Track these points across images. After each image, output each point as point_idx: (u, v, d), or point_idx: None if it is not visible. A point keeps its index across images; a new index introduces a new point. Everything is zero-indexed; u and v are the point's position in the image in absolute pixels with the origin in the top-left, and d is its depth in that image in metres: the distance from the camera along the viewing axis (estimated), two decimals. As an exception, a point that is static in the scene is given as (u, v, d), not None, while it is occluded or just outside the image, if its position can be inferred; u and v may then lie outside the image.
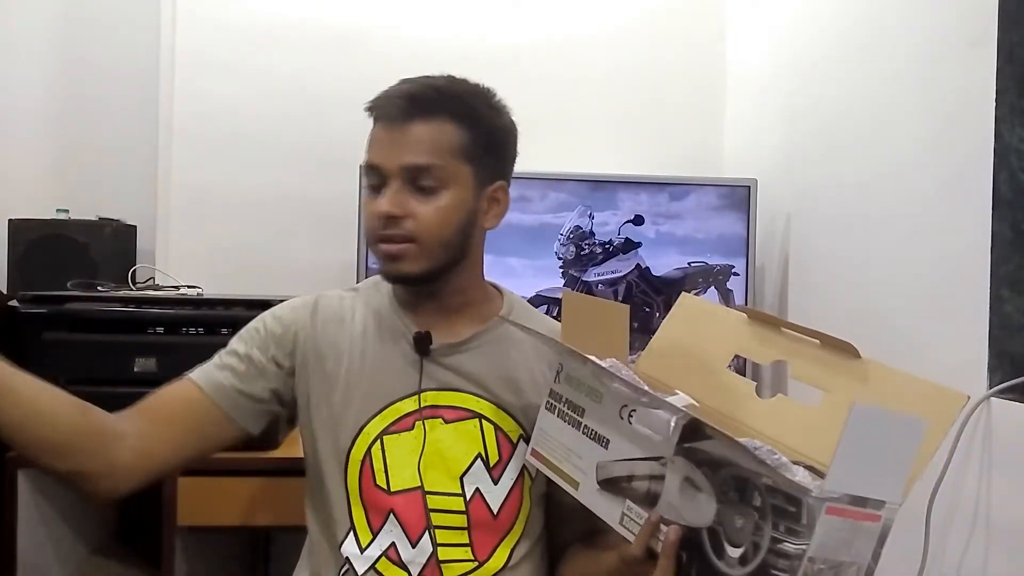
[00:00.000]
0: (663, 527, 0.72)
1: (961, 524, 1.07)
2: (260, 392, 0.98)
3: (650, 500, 0.75)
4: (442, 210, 0.93)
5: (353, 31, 1.97)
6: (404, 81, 0.98)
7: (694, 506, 0.70)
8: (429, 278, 0.96)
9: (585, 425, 0.84)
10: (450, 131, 0.94)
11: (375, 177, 0.95)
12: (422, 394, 0.97)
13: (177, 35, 1.93)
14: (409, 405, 0.96)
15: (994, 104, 1.03)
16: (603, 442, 0.81)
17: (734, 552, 0.66)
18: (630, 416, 0.78)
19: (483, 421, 0.97)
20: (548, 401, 0.91)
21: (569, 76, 2.00)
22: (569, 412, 0.87)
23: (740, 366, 0.83)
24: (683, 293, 0.99)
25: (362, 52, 1.97)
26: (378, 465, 0.95)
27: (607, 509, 0.80)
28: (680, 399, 0.78)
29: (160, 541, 1.40)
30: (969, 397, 0.71)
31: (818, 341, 0.79)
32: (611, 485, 0.79)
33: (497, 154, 0.99)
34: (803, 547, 0.60)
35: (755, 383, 0.84)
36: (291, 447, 1.49)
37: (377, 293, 1.03)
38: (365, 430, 0.96)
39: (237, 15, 1.94)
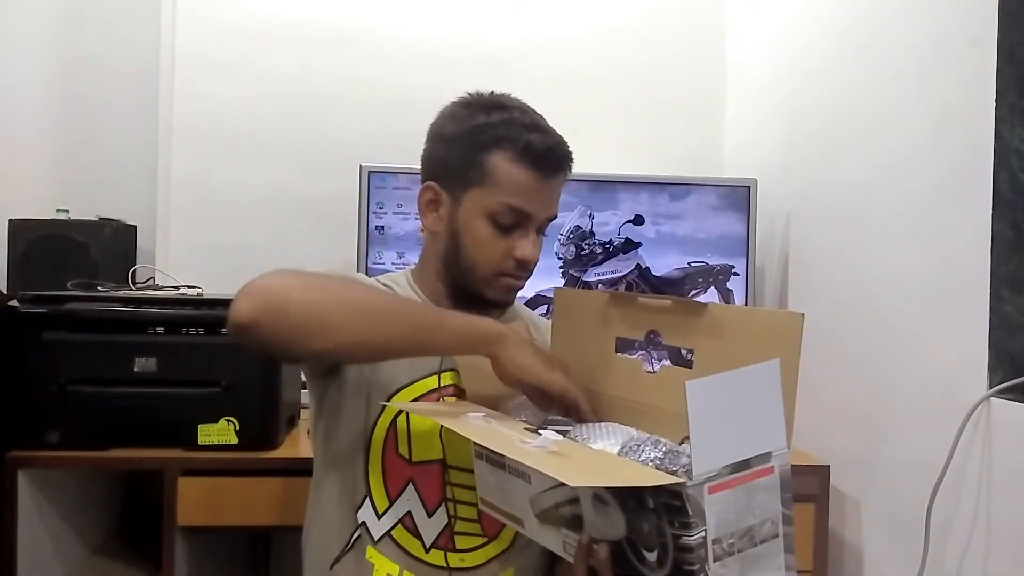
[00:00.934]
0: (594, 546, 0.72)
1: (961, 524, 1.07)
2: None
3: (576, 523, 0.75)
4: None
5: (353, 31, 1.97)
6: (542, 130, 0.99)
7: (608, 521, 0.70)
8: None
9: (508, 466, 0.82)
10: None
11: (514, 219, 0.98)
12: (442, 374, 1.00)
13: (177, 35, 1.93)
14: (432, 383, 1.00)
15: (994, 104, 1.03)
16: (526, 478, 0.80)
17: (651, 556, 0.66)
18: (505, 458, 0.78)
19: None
20: (474, 448, 0.90)
21: (569, 76, 2.00)
22: (492, 455, 0.85)
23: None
24: (556, 289, 1.06)
25: (362, 52, 1.97)
26: (402, 434, 0.98)
27: (551, 540, 0.79)
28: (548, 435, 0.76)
29: (160, 541, 1.40)
30: (804, 314, 0.72)
31: (670, 303, 0.83)
32: (546, 517, 0.79)
33: None
34: (701, 535, 0.61)
35: (641, 359, 0.86)
36: (291, 447, 1.49)
37: (401, 288, 1.07)
38: (393, 400, 0.99)
39: (237, 15, 1.94)
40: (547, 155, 0.97)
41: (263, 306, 0.79)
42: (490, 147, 0.97)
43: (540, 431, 0.76)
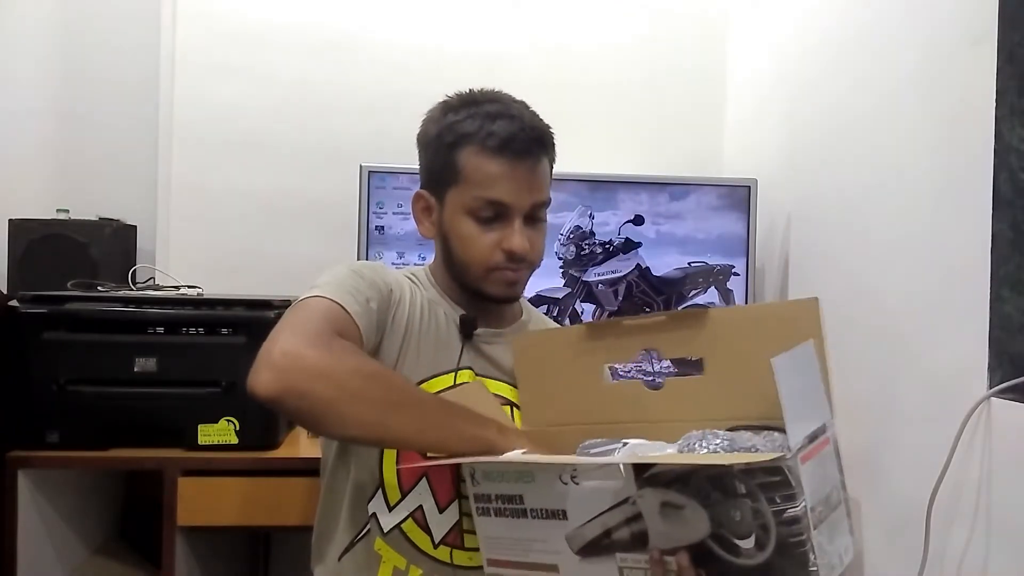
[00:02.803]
0: (667, 558, 0.71)
1: (961, 524, 1.07)
2: (375, 342, 0.98)
3: (639, 542, 0.73)
4: (544, 237, 1.04)
5: (353, 32, 1.97)
6: (507, 116, 0.98)
7: (684, 524, 0.69)
8: None
9: (531, 510, 0.80)
10: (548, 166, 1.03)
11: (494, 211, 0.97)
12: (459, 372, 1.00)
13: (177, 36, 1.93)
14: (447, 380, 1.00)
15: (994, 104, 1.03)
16: (559, 515, 0.78)
17: (746, 543, 0.66)
18: (573, 479, 0.76)
19: (514, 409, 1.02)
20: (477, 507, 0.86)
21: (569, 76, 2.00)
22: (506, 506, 0.83)
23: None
24: (513, 337, 1.02)
25: (362, 53, 1.97)
26: None
27: (601, 572, 0.77)
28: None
29: (160, 541, 1.41)
30: (818, 298, 0.73)
31: (664, 318, 0.82)
32: (592, 549, 0.77)
33: None
34: (804, 504, 0.62)
35: (639, 381, 0.84)
36: (291, 447, 1.49)
37: (422, 284, 1.07)
38: None
39: (237, 18, 1.94)
40: (510, 141, 0.96)
41: (284, 388, 0.80)
42: (458, 145, 0.98)
43: (588, 452, 0.76)
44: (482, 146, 0.96)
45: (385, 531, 0.96)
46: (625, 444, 0.80)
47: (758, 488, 0.64)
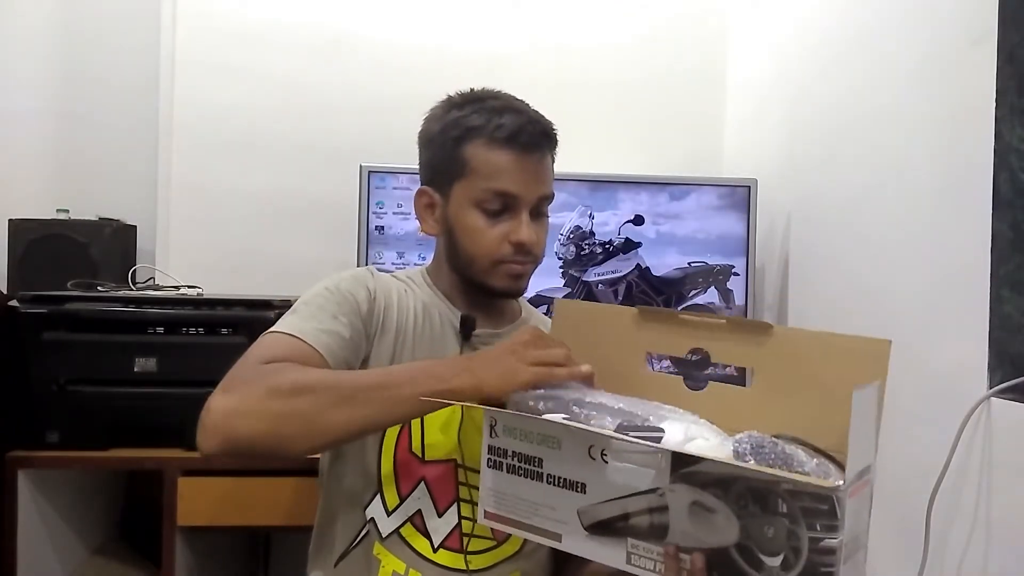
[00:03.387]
0: (682, 556, 0.70)
1: (961, 524, 1.07)
2: (356, 360, 0.97)
3: (657, 533, 0.71)
4: (546, 233, 1.04)
5: (353, 32, 1.97)
6: (514, 111, 1.00)
7: (711, 528, 0.68)
8: None
9: (548, 475, 0.78)
10: (552, 161, 1.04)
11: (501, 203, 0.98)
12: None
13: (177, 36, 1.93)
14: None
15: (994, 104, 1.03)
16: (577, 487, 0.76)
17: (773, 561, 0.65)
18: (603, 456, 0.74)
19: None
20: (489, 459, 0.83)
21: (570, 76, 2.00)
22: (522, 465, 0.80)
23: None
24: (557, 300, 1.00)
25: (362, 53, 1.97)
26: (415, 433, 0.97)
27: (607, 553, 0.75)
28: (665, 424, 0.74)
29: (160, 541, 1.41)
30: (891, 341, 0.72)
31: (724, 321, 0.80)
32: (603, 528, 0.75)
33: None
34: (841, 537, 0.62)
35: (681, 377, 0.83)
36: (291, 447, 1.49)
37: (418, 286, 1.07)
38: None
39: (237, 18, 1.94)
40: (519, 133, 0.97)
41: (220, 443, 0.81)
42: (465, 139, 0.98)
43: (630, 434, 0.74)
44: (490, 138, 0.97)
45: (383, 536, 0.96)
46: (667, 426, 0.76)
47: (800, 511, 0.63)
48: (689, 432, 0.76)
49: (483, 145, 0.97)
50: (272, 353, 0.88)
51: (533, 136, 0.98)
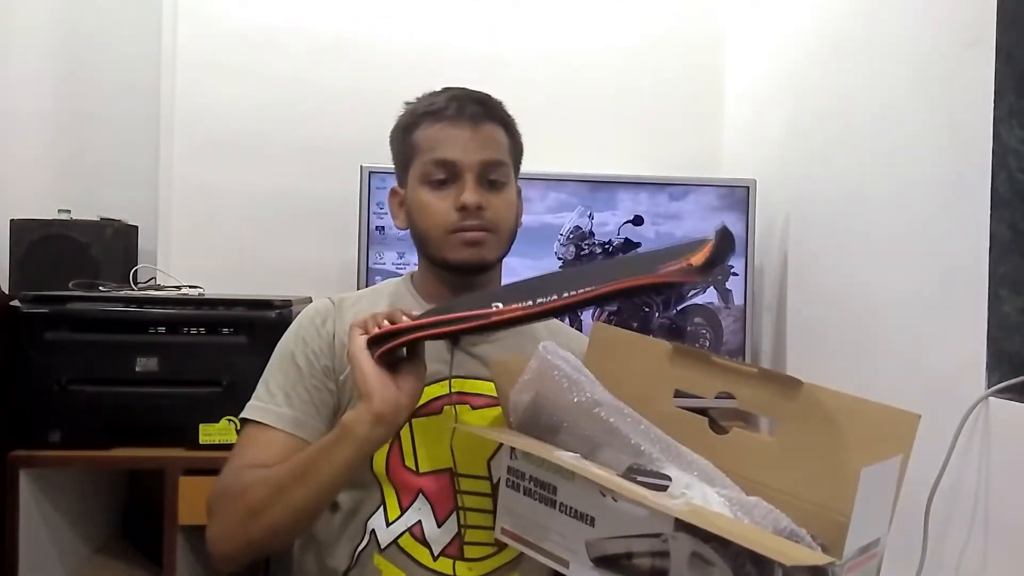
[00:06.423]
0: None
1: (960, 524, 1.08)
2: (331, 412, 0.99)
3: (657, 575, 0.72)
4: (509, 203, 1.02)
5: (353, 33, 1.98)
6: (449, 89, 1.02)
7: None
8: (494, 265, 1.03)
9: (561, 503, 0.79)
10: (503, 135, 1.03)
11: (445, 172, 0.98)
12: (452, 380, 0.99)
13: (178, 37, 1.93)
14: (438, 390, 0.99)
15: (992, 105, 1.03)
16: (587, 520, 0.77)
17: None
18: (613, 496, 0.74)
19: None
20: (508, 479, 0.85)
21: (569, 77, 2.00)
22: (537, 490, 0.82)
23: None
24: (595, 324, 0.99)
25: (362, 54, 1.97)
26: (407, 447, 0.97)
27: None
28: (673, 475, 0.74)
29: (162, 540, 1.41)
30: (920, 416, 0.70)
31: (756, 371, 0.79)
32: (608, 563, 0.75)
33: (520, 162, 1.08)
34: None
35: (706, 418, 0.82)
36: (292, 447, 1.49)
37: (398, 291, 1.07)
38: None
39: (237, 18, 1.95)
40: (451, 102, 0.99)
41: (223, 562, 0.91)
42: (413, 126, 1.01)
43: (637, 478, 0.74)
44: (430, 117, 1.00)
45: (382, 546, 0.96)
46: (669, 484, 0.76)
47: None
48: (696, 487, 0.75)
49: (426, 127, 1.00)
50: (252, 456, 0.94)
51: (466, 102, 1.00)
